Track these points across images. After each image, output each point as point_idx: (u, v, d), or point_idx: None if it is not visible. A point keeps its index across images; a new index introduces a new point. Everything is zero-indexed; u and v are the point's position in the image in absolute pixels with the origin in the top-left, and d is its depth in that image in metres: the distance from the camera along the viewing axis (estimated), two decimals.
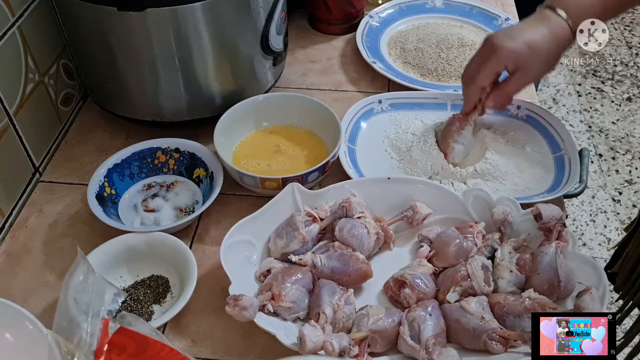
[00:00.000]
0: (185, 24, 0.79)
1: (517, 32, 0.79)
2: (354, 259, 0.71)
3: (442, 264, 0.73)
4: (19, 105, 0.83)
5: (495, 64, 0.79)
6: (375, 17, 1.15)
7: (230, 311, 0.64)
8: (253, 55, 0.88)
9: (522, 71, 0.79)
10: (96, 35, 0.82)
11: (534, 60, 0.78)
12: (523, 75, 0.80)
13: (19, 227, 0.82)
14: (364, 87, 1.04)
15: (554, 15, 0.77)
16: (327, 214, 0.76)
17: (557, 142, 0.89)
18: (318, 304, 0.67)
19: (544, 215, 0.72)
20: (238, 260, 0.71)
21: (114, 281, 0.72)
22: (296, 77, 1.05)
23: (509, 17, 1.14)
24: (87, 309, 0.59)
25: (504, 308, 0.67)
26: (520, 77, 0.80)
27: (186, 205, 0.82)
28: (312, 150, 0.88)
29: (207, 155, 0.84)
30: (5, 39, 0.79)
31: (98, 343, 0.56)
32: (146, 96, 0.87)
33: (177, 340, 0.69)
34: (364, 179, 0.81)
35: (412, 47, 1.08)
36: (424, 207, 0.77)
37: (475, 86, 0.81)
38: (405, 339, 0.64)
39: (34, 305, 0.71)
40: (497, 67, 0.79)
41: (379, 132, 0.92)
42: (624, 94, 2.53)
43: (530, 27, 0.78)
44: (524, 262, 0.71)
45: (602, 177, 2.20)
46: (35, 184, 0.87)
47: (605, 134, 2.36)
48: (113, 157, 0.83)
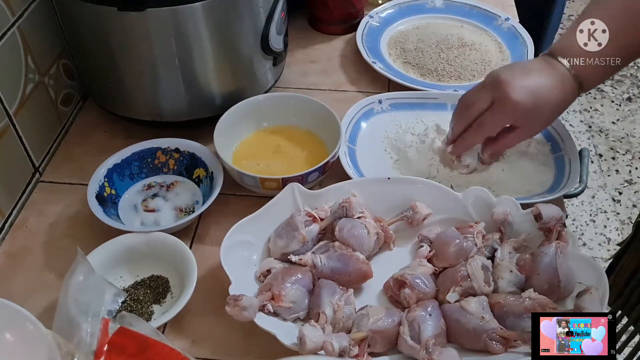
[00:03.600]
0: (185, 24, 0.79)
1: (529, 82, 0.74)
2: (354, 259, 0.71)
3: (442, 264, 0.73)
4: (19, 105, 0.83)
5: (505, 119, 0.76)
6: (375, 17, 1.15)
7: (230, 311, 0.64)
8: (253, 55, 0.88)
9: (526, 127, 0.77)
10: (96, 35, 0.82)
11: (542, 118, 0.77)
12: (525, 130, 0.78)
13: (19, 227, 0.82)
14: (364, 87, 1.03)
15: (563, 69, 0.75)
16: (327, 214, 0.76)
17: (557, 142, 0.89)
18: (318, 304, 0.67)
19: (544, 215, 0.72)
20: (238, 261, 0.71)
21: (114, 281, 0.72)
22: (296, 77, 1.05)
23: (509, 17, 1.14)
24: (87, 309, 0.59)
25: (504, 308, 0.67)
26: (523, 132, 0.78)
27: (186, 205, 0.82)
28: (312, 150, 0.88)
29: (207, 155, 0.84)
30: (5, 39, 0.79)
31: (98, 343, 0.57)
32: (146, 96, 0.87)
33: (177, 340, 0.69)
34: (364, 179, 0.81)
35: (412, 47, 1.09)
36: (424, 207, 0.77)
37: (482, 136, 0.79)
38: (405, 339, 0.64)
39: (34, 306, 0.70)
40: (507, 121, 0.77)
41: (379, 132, 0.92)
42: (624, 94, 2.53)
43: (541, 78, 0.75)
44: (524, 262, 0.71)
45: (602, 177, 2.20)
46: (35, 184, 0.87)
47: (605, 134, 2.37)
48: (113, 157, 0.83)
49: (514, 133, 0.78)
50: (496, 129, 0.78)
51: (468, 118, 0.79)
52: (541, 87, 0.75)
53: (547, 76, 0.75)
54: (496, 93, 0.75)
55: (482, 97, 0.77)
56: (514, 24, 1.12)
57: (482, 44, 1.09)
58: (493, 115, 0.76)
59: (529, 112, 0.74)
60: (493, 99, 0.76)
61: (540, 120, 0.77)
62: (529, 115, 0.75)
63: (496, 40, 1.11)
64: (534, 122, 0.77)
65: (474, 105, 0.78)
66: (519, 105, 0.74)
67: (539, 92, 0.74)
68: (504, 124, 0.78)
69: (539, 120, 0.78)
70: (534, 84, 0.75)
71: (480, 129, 0.78)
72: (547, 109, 0.76)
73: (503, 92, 0.74)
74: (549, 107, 0.76)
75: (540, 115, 0.76)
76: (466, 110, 0.79)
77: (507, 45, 1.09)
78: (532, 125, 0.78)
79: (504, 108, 0.75)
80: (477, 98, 0.78)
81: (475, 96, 0.78)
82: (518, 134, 0.78)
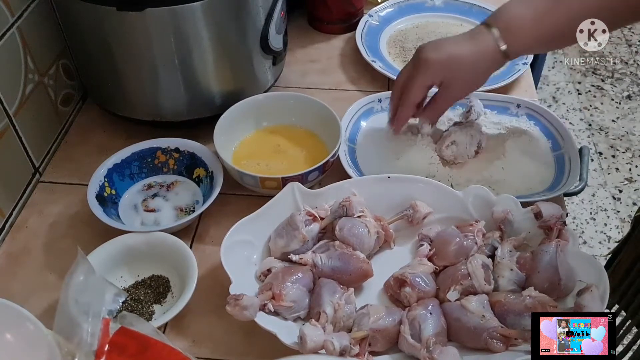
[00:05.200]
0: (184, 23, 0.79)
1: (443, 44, 0.78)
2: (355, 258, 0.71)
3: (442, 263, 0.73)
4: (19, 105, 0.83)
5: (424, 78, 0.78)
6: (374, 16, 1.15)
7: (230, 311, 0.64)
8: (253, 54, 0.88)
9: (447, 85, 0.79)
10: (96, 35, 0.82)
11: (458, 74, 0.78)
12: (447, 89, 0.79)
13: (19, 227, 0.82)
14: (364, 86, 1.03)
15: (486, 33, 0.76)
16: (327, 213, 0.76)
17: (557, 141, 0.89)
18: (318, 303, 0.67)
19: (544, 214, 0.72)
20: (238, 260, 0.71)
21: (114, 281, 0.72)
22: (296, 77, 1.05)
23: None
24: (88, 309, 0.59)
25: (504, 306, 0.67)
26: (446, 91, 0.80)
27: (186, 205, 0.82)
28: (312, 149, 0.88)
29: (207, 155, 0.84)
30: (5, 39, 0.79)
31: (99, 343, 0.57)
32: (146, 96, 0.87)
33: (178, 340, 0.69)
34: (364, 178, 0.81)
35: (412, 46, 1.08)
36: (424, 205, 0.77)
37: (410, 103, 0.81)
38: (406, 337, 0.64)
39: (34, 306, 0.70)
40: (425, 80, 0.79)
41: (379, 131, 0.92)
42: (623, 92, 2.53)
43: (457, 42, 0.78)
44: (524, 260, 0.71)
45: (602, 175, 2.20)
46: (36, 184, 0.87)
47: (605, 132, 2.36)
48: (113, 157, 0.83)
49: (438, 93, 0.81)
50: (420, 93, 0.80)
51: (397, 91, 0.82)
52: (453, 46, 0.78)
53: (464, 39, 0.78)
54: (413, 60, 0.79)
55: (406, 69, 0.81)
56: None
57: None
58: (412, 79, 0.79)
59: (442, 66, 0.77)
60: (413, 66, 0.79)
61: (458, 75, 0.78)
62: (443, 69, 0.77)
63: None
64: (452, 79, 0.78)
65: (400, 78, 0.82)
66: (429, 60, 0.77)
67: (450, 50, 0.77)
68: (424, 85, 0.79)
69: (458, 76, 0.79)
70: (446, 42, 0.79)
71: (406, 97, 0.81)
72: (463, 65, 0.77)
73: (417, 56, 0.78)
74: (464, 63, 0.77)
75: (455, 70, 0.78)
76: (395, 85, 0.83)
77: None
78: (452, 82, 0.79)
79: (419, 68, 0.78)
80: (403, 72, 0.81)
81: (402, 71, 0.82)
82: (442, 94, 0.80)
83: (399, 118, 0.83)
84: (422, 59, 0.77)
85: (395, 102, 0.83)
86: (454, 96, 0.82)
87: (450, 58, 0.77)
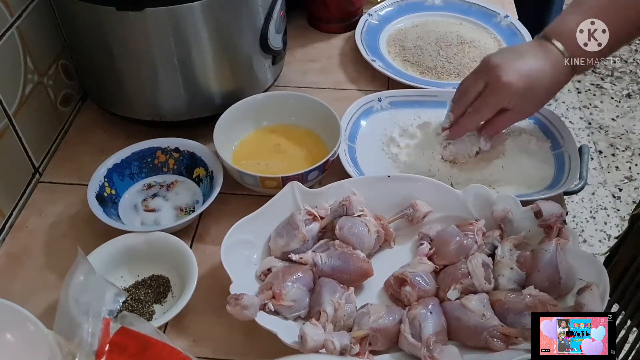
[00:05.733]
0: (184, 23, 0.79)
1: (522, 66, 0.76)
2: (355, 257, 0.71)
3: (442, 262, 0.73)
4: (19, 105, 0.82)
5: (500, 101, 0.77)
6: (374, 15, 1.15)
7: (231, 310, 0.64)
8: (252, 54, 0.88)
9: (519, 109, 0.78)
10: (95, 35, 0.82)
11: (536, 100, 0.78)
12: (518, 113, 0.79)
13: (19, 228, 0.82)
14: (364, 86, 1.03)
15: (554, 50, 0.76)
16: (327, 212, 0.76)
17: (557, 139, 0.89)
18: (319, 303, 0.67)
19: (544, 213, 0.72)
20: (238, 260, 0.71)
21: (114, 281, 0.72)
22: (295, 76, 1.05)
23: (508, 14, 1.14)
24: (88, 309, 0.59)
25: (504, 305, 0.67)
26: (515, 114, 0.80)
27: (186, 204, 0.82)
28: (312, 149, 0.88)
29: (207, 154, 0.84)
30: (4, 39, 0.79)
31: (99, 343, 0.57)
32: (145, 96, 0.87)
33: (179, 339, 0.69)
34: (363, 177, 0.81)
35: (412, 45, 1.08)
36: (424, 205, 0.77)
37: (478, 120, 0.80)
38: (406, 336, 0.64)
39: (34, 306, 0.70)
40: (502, 103, 0.78)
41: (379, 130, 0.92)
42: (623, 91, 2.52)
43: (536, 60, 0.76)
44: (524, 259, 0.71)
45: (602, 174, 2.20)
46: (35, 184, 0.87)
47: (605, 130, 2.36)
48: (113, 157, 0.83)
49: (508, 114, 0.80)
50: (490, 113, 0.80)
51: (464, 103, 0.81)
52: (533, 69, 0.76)
53: (539, 58, 0.76)
54: (488, 77, 0.77)
55: (476, 82, 0.79)
56: (513, 22, 1.12)
57: (481, 42, 1.09)
58: (487, 99, 0.78)
59: (521, 93, 0.76)
60: (486, 83, 0.77)
61: (533, 101, 0.79)
62: (521, 97, 0.76)
63: (495, 38, 1.11)
64: (526, 104, 0.78)
65: (469, 91, 0.80)
66: (510, 87, 0.75)
67: (530, 74, 0.76)
68: (498, 107, 0.79)
69: (532, 102, 0.79)
70: (525, 65, 0.76)
71: (475, 113, 0.80)
72: (539, 90, 0.77)
73: (495, 75, 0.76)
74: (541, 88, 0.77)
75: (532, 97, 0.77)
76: (463, 96, 0.81)
77: (506, 42, 1.09)
78: (525, 106, 0.79)
79: (497, 91, 0.76)
80: (472, 83, 0.80)
81: (470, 82, 0.80)
82: (511, 115, 0.80)
83: (461, 128, 0.82)
84: (503, 83, 0.75)
85: (459, 112, 0.82)
86: (521, 118, 0.82)
87: (532, 85, 0.75)
